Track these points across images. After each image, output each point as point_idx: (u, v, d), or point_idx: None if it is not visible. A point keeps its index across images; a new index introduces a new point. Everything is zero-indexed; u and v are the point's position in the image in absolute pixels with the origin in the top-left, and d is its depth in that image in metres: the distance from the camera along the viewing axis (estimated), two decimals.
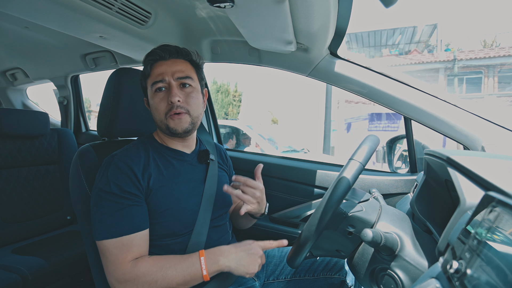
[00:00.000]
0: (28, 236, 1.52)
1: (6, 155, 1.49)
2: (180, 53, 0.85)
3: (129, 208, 0.72)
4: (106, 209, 0.71)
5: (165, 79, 0.80)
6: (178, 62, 0.84)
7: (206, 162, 0.93)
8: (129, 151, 0.80)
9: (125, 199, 0.72)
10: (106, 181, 0.73)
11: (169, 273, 0.69)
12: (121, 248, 0.70)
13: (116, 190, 0.72)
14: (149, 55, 0.84)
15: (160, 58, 0.83)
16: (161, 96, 0.81)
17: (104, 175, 0.75)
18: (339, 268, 0.95)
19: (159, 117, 0.82)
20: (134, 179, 0.75)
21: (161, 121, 0.82)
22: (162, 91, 0.81)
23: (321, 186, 1.29)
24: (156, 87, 0.81)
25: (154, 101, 0.82)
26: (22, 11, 0.97)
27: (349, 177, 0.61)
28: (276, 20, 0.85)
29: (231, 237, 0.98)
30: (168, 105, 0.80)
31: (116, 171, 0.74)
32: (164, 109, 0.80)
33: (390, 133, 2.13)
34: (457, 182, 0.49)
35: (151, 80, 0.82)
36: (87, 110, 2.33)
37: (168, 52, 0.83)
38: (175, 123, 0.80)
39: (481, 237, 0.32)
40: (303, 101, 13.32)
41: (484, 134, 0.97)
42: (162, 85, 0.81)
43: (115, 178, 0.73)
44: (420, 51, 12.82)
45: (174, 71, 0.81)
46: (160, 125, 0.83)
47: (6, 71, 2.18)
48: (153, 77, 0.82)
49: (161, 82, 0.80)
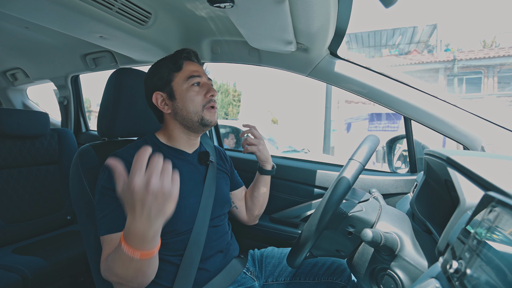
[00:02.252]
0: (28, 236, 1.52)
1: (6, 155, 1.49)
2: (198, 59, 0.96)
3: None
4: (108, 205, 0.72)
5: (202, 76, 0.90)
6: (199, 66, 0.94)
7: (206, 163, 0.94)
8: (132, 149, 0.82)
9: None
10: (108, 178, 0.74)
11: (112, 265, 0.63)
12: (108, 243, 0.70)
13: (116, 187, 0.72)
14: (184, 52, 0.91)
15: (189, 58, 0.92)
16: (196, 89, 0.88)
17: (106, 172, 0.76)
18: (340, 272, 0.93)
19: (195, 109, 0.87)
20: None
21: (196, 112, 0.87)
22: (198, 86, 0.89)
23: (321, 186, 1.29)
24: (194, 81, 0.88)
25: (189, 94, 0.87)
26: (22, 11, 0.97)
27: (349, 177, 0.61)
28: (276, 20, 0.85)
29: (231, 237, 0.98)
30: (205, 98, 0.88)
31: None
32: (201, 102, 0.87)
33: (390, 133, 2.13)
34: (457, 182, 0.49)
35: (186, 74, 0.88)
36: (87, 110, 2.33)
37: (195, 56, 0.94)
38: (211, 115, 0.89)
39: (480, 237, 0.32)
40: (303, 101, 13.32)
41: (484, 134, 0.97)
42: (199, 80, 0.89)
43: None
44: (420, 51, 12.82)
45: (203, 72, 0.92)
46: (193, 117, 0.87)
47: (7, 71, 2.18)
48: (188, 71, 0.89)
49: (198, 77, 0.88)
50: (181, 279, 0.78)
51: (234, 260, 0.94)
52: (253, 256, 1.03)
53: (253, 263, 1.01)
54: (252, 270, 0.96)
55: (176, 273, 0.78)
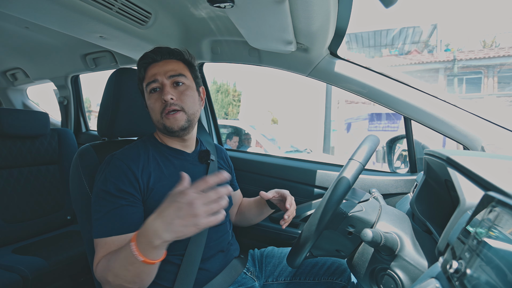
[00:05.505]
0: (28, 236, 1.52)
1: (6, 155, 1.49)
2: (171, 53, 0.86)
3: (122, 208, 0.72)
4: (102, 208, 0.72)
5: (158, 79, 0.82)
6: (170, 62, 0.85)
7: (206, 162, 0.93)
8: (129, 150, 0.81)
9: (120, 198, 0.72)
10: (104, 180, 0.74)
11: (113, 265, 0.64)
12: (102, 247, 0.70)
13: (112, 189, 0.72)
14: (142, 58, 0.86)
15: (152, 61, 0.85)
16: (155, 96, 0.82)
17: (103, 174, 0.75)
18: (340, 272, 0.93)
19: (156, 117, 0.83)
20: (132, 178, 0.75)
21: (157, 121, 0.83)
22: (156, 92, 0.83)
23: (321, 186, 1.29)
24: (150, 88, 0.83)
25: (149, 102, 0.84)
26: (23, 11, 0.97)
27: (349, 177, 0.61)
28: (276, 20, 0.85)
29: (231, 236, 0.98)
30: (162, 104, 0.81)
31: (114, 170, 0.75)
32: (159, 109, 0.81)
33: (390, 133, 2.13)
34: (457, 182, 0.49)
35: (146, 81, 0.84)
36: (87, 110, 2.33)
37: (160, 54, 0.85)
38: (171, 122, 0.81)
39: (480, 237, 0.32)
40: (303, 101, 13.33)
41: (484, 134, 0.97)
42: (155, 85, 0.82)
43: (112, 177, 0.74)
44: (420, 51, 12.81)
45: (166, 71, 0.83)
46: (158, 125, 0.84)
47: (7, 71, 2.18)
48: (147, 78, 0.84)
49: (154, 82, 0.82)
50: (181, 279, 0.78)
51: (235, 260, 0.94)
52: (253, 256, 1.03)
53: (253, 263, 1.01)
54: (252, 270, 0.96)
55: (176, 273, 0.78)
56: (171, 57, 0.86)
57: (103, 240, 0.70)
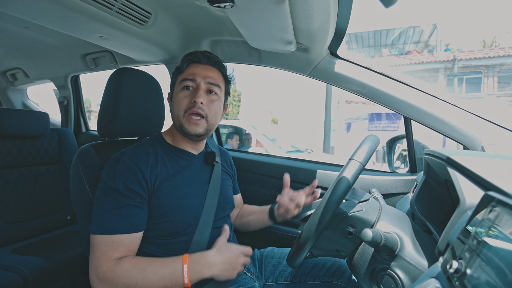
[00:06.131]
0: (28, 236, 1.52)
1: (6, 155, 1.49)
2: (217, 63, 0.89)
3: (128, 208, 0.72)
4: (107, 204, 0.72)
5: (196, 80, 0.83)
6: (212, 69, 0.88)
7: (211, 164, 0.94)
8: (139, 150, 0.81)
9: (127, 197, 0.72)
10: (113, 177, 0.74)
11: (149, 277, 0.68)
12: (110, 245, 0.69)
13: (120, 187, 0.72)
14: (190, 54, 0.88)
15: (198, 60, 0.87)
16: (186, 93, 0.83)
17: (112, 171, 0.75)
18: (341, 273, 0.92)
19: (178, 113, 0.83)
20: (140, 178, 0.75)
21: (178, 117, 0.83)
22: (189, 90, 0.84)
23: (321, 186, 1.29)
24: (184, 84, 0.84)
25: (178, 97, 0.84)
26: (22, 11, 0.97)
27: (349, 177, 0.61)
28: (276, 20, 0.85)
29: (232, 237, 0.98)
30: (190, 104, 0.82)
31: (124, 169, 0.75)
32: (185, 106, 0.82)
33: (390, 133, 2.13)
34: (457, 182, 0.49)
35: (182, 76, 0.85)
36: (87, 110, 2.33)
37: (207, 58, 0.87)
38: (191, 126, 0.82)
39: (481, 237, 0.32)
40: (303, 101, 13.33)
41: (484, 134, 0.97)
42: (191, 84, 0.84)
43: (121, 175, 0.74)
44: (420, 51, 12.82)
45: (206, 76, 0.85)
46: (176, 121, 0.85)
47: (7, 71, 2.18)
48: (185, 74, 0.85)
49: (191, 81, 0.83)
50: None
51: None
52: (253, 256, 1.03)
53: (253, 263, 1.00)
54: (252, 271, 0.96)
55: None
56: (215, 65, 0.89)
57: (110, 237, 0.69)
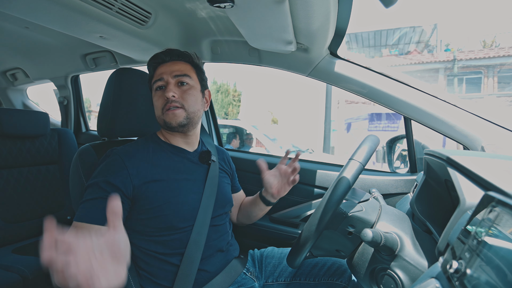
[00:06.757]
0: (28, 236, 1.52)
1: (6, 155, 1.49)
2: (180, 55, 0.92)
3: (102, 200, 0.72)
4: (87, 195, 0.74)
5: (163, 78, 0.87)
6: (177, 63, 0.90)
7: (207, 162, 0.94)
8: (129, 147, 0.84)
9: (104, 191, 0.73)
10: (97, 172, 0.77)
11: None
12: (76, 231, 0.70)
13: (100, 180, 0.74)
14: (152, 58, 0.91)
15: (162, 61, 0.90)
16: (159, 94, 0.87)
17: (99, 166, 0.78)
18: (341, 273, 0.92)
19: (158, 113, 0.88)
20: (124, 174, 0.76)
21: (159, 116, 0.88)
22: (161, 90, 0.88)
23: (321, 186, 1.29)
24: (156, 86, 0.88)
25: (154, 99, 0.89)
26: (22, 11, 0.97)
27: (349, 177, 0.61)
28: (276, 20, 0.85)
29: (231, 237, 0.98)
30: (164, 101, 0.86)
31: (109, 164, 0.78)
32: (161, 105, 0.86)
33: (390, 133, 2.13)
34: (457, 182, 0.49)
35: (153, 80, 0.89)
36: (87, 110, 2.33)
37: (169, 55, 0.90)
38: (170, 117, 0.85)
39: (480, 237, 0.32)
40: (303, 101, 13.33)
41: (484, 134, 0.97)
42: (161, 84, 0.87)
43: (105, 169, 0.76)
44: (420, 51, 12.81)
45: (172, 70, 0.88)
46: (159, 121, 0.89)
47: (7, 71, 2.17)
48: (155, 77, 0.89)
49: (160, 80, 0.87)
50: (181, 279, 0.78)
51: (234, 260, 0.94)
52: (253, 256, 1.03)
53: (253, 263, 1.00)
54: (252, 271, 0.96)
55: (176, 273, 0.78)
56: (179, 58, 0.91)
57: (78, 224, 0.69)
